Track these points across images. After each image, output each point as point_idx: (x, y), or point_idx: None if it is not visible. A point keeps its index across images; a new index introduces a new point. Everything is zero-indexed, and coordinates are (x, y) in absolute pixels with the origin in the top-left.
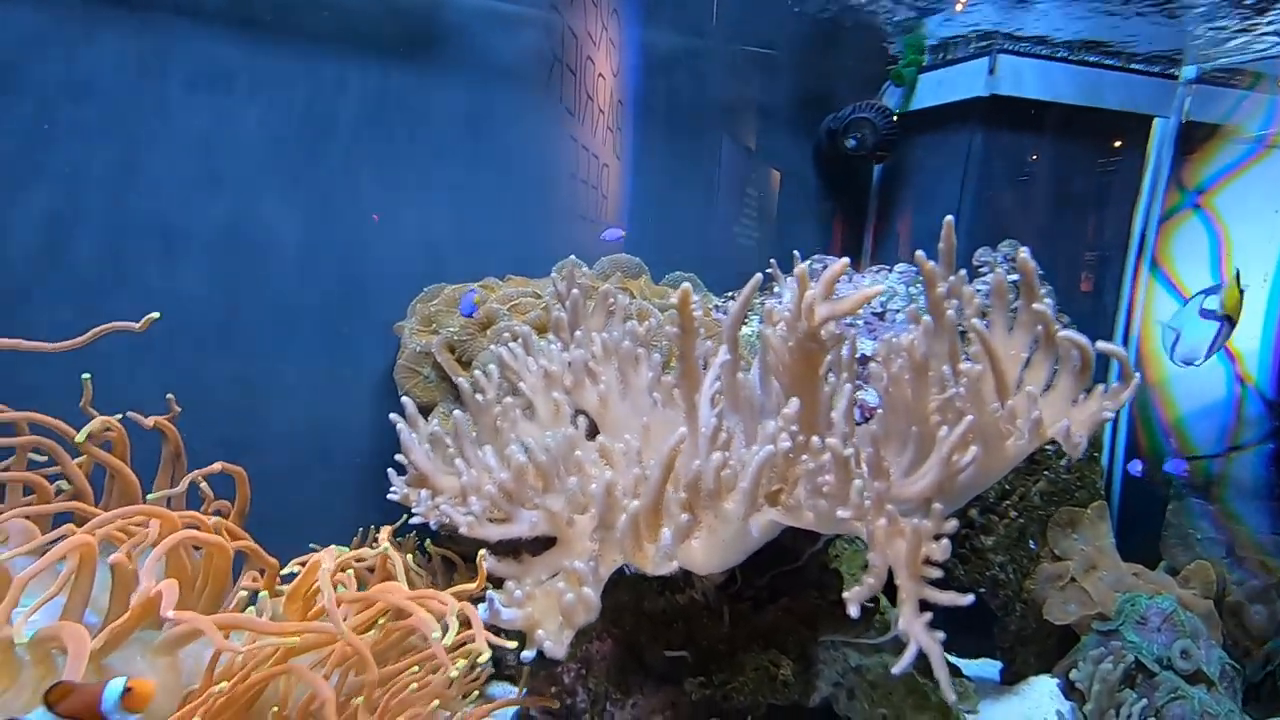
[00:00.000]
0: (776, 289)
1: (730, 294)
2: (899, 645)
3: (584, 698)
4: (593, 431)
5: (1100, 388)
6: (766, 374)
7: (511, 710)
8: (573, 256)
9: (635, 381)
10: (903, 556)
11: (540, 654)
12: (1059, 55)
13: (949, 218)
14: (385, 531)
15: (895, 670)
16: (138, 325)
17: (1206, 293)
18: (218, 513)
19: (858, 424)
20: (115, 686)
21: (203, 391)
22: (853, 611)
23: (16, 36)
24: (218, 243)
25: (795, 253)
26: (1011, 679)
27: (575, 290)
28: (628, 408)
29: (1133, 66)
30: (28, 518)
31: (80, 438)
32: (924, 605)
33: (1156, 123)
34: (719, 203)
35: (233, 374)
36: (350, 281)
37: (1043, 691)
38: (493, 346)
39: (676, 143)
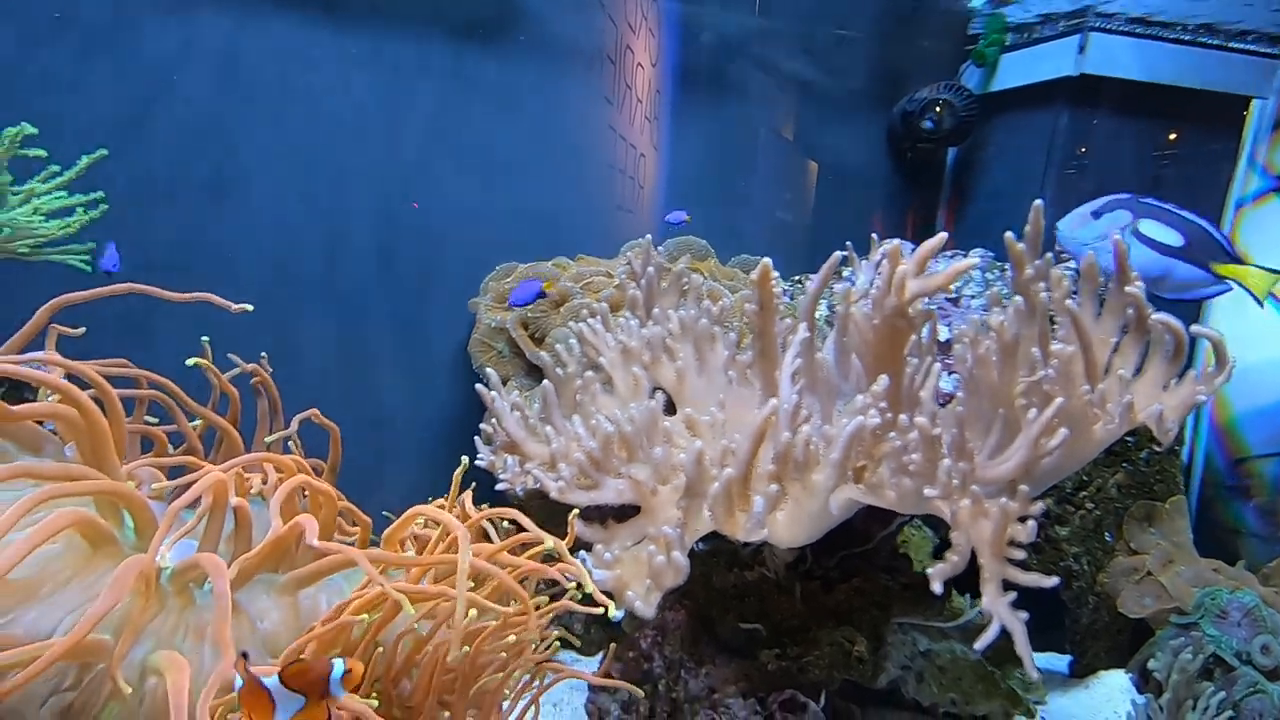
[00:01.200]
0: (846, 272)
1: (798, 276)
2: (967, 633)
3: (660, 663)
4: (669, 407)
5: (1192, 372)
6: (843, 353)
7: (591, 668)
8: (648, 236)
9: (711, 359)
10: (987, 537)
11: (628, 614)
12: (1155, 34)
13: (1038, 202)
14: (467, 495)
15: (978, 646)
16: (234, 307)
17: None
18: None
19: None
20: (339, 666)
21: (285, 364)
22: (935, 588)
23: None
24: (302, 220)
25: (873, 235)
26: (1081, 672)
27: (651, 269)
28: (703, 384)
29: (1233, 45)
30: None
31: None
32: (1006, 586)
33: (1254, 104)
34: (774, 188)
35: (316, 346)
36: (426, 258)
37: (1113, 686)
38: (572, 322)
39: (723, 127)
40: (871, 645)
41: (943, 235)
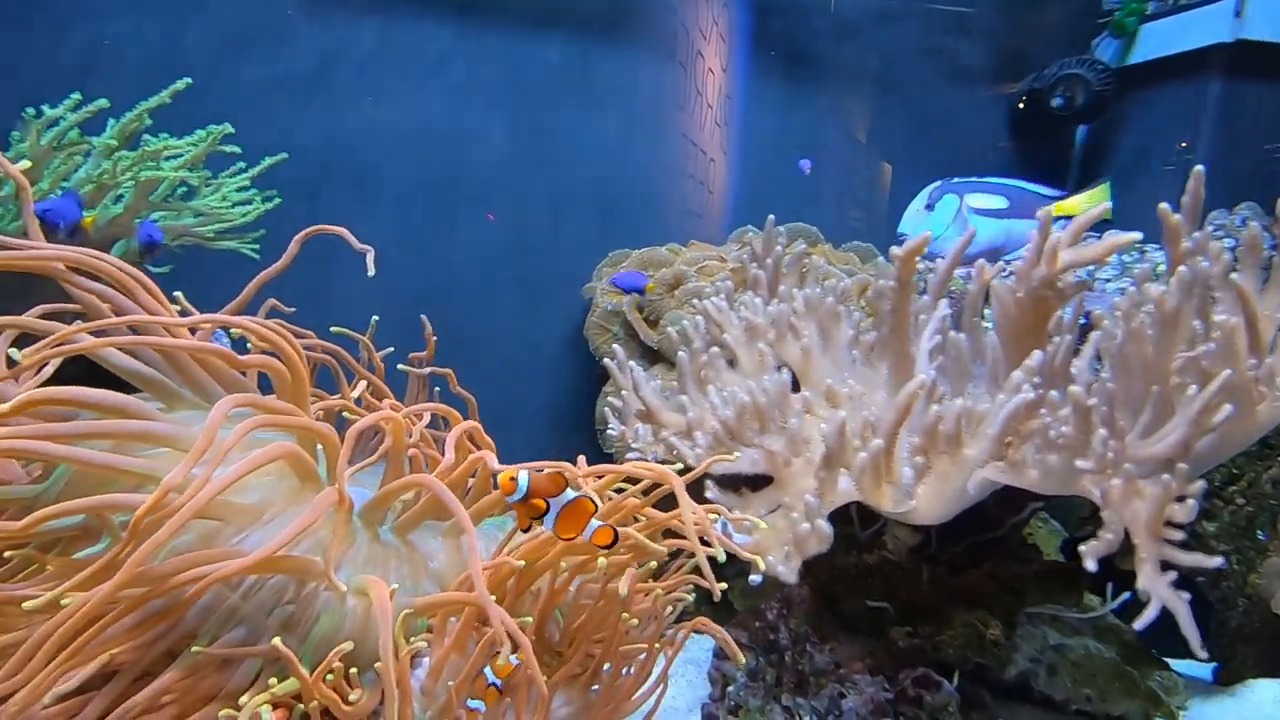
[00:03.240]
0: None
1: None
2: (1100, 630)
3: (786, 635)
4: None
5: None
6: (974, 333)
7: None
8: (771, 217)
9: (836, 337)
10: (1143, 516)
11: (763, 580)
12: None
13: (1199, 168)
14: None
15: (1137, 625)
16: (358, 246)
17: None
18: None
19: None
20: (571, 493)
21: (408, 347)
22: (1090, 566)
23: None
24: (428, 208)
25: None
26: (1227, 680)
27: (778, 248)
28: (828, 363)
29: None
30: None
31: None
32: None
33: None
34: (861, 180)
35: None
36: (543, 246)
37: (1265, 696)
38: (696, 300)
39: (804, 123)
40: (1005, 631)
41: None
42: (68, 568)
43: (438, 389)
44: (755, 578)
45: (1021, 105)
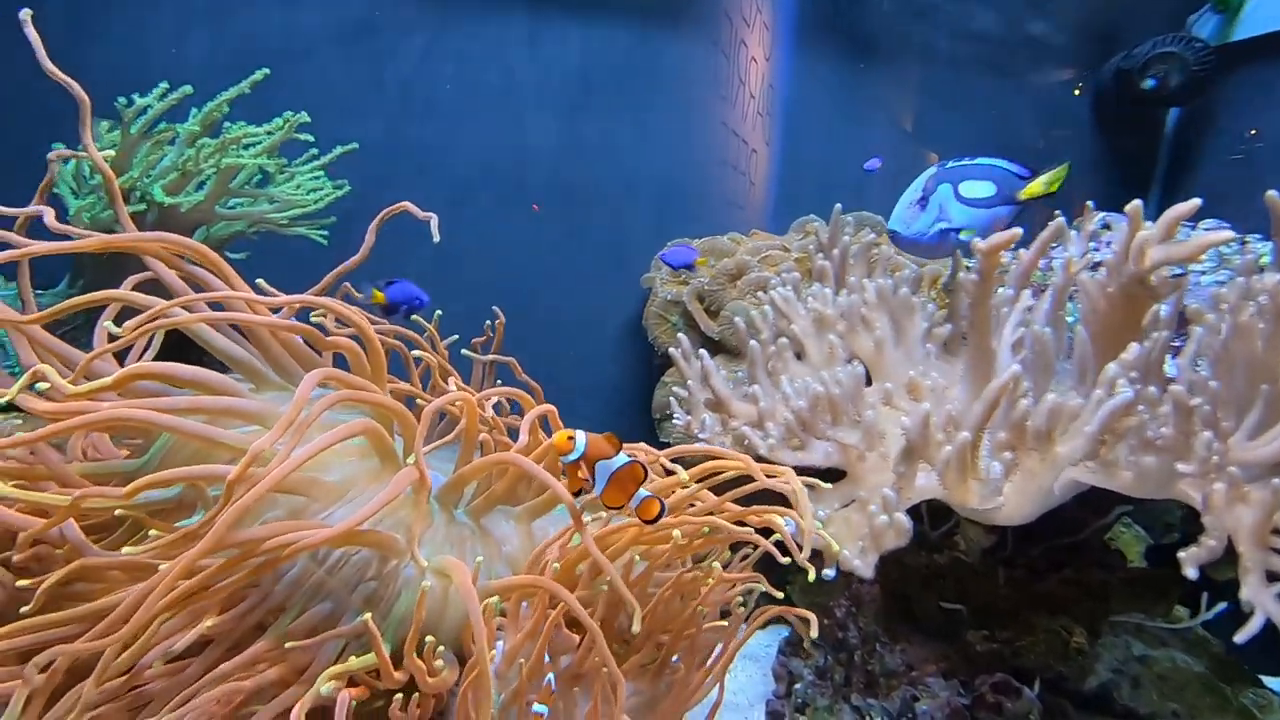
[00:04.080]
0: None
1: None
2: (1188, 643)
3: (855, 634)
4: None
5: None
6: (1059, 326)
7: (782, 634)
8: (838, 205)
9: (909, 330)
10: (1247, 523)
11: (836, 575)
12: None
13: None
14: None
15: (1238, 638)
16: (420, 215)
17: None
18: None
19: None
20: (622, 458)
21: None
22: (1190, 573)
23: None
24: (491, 200)
25: (1089, 204)
26: None
27: (845, 238)
28: (900, 356)
29: None
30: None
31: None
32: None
33: None
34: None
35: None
36: (599, 236)
37: None
38: (763, 292)
39: (854, 111)
40: (1089, 639)
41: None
42: (166, 534)
43: (499, 381)
44: (829, 572)
45: (1109, 86)
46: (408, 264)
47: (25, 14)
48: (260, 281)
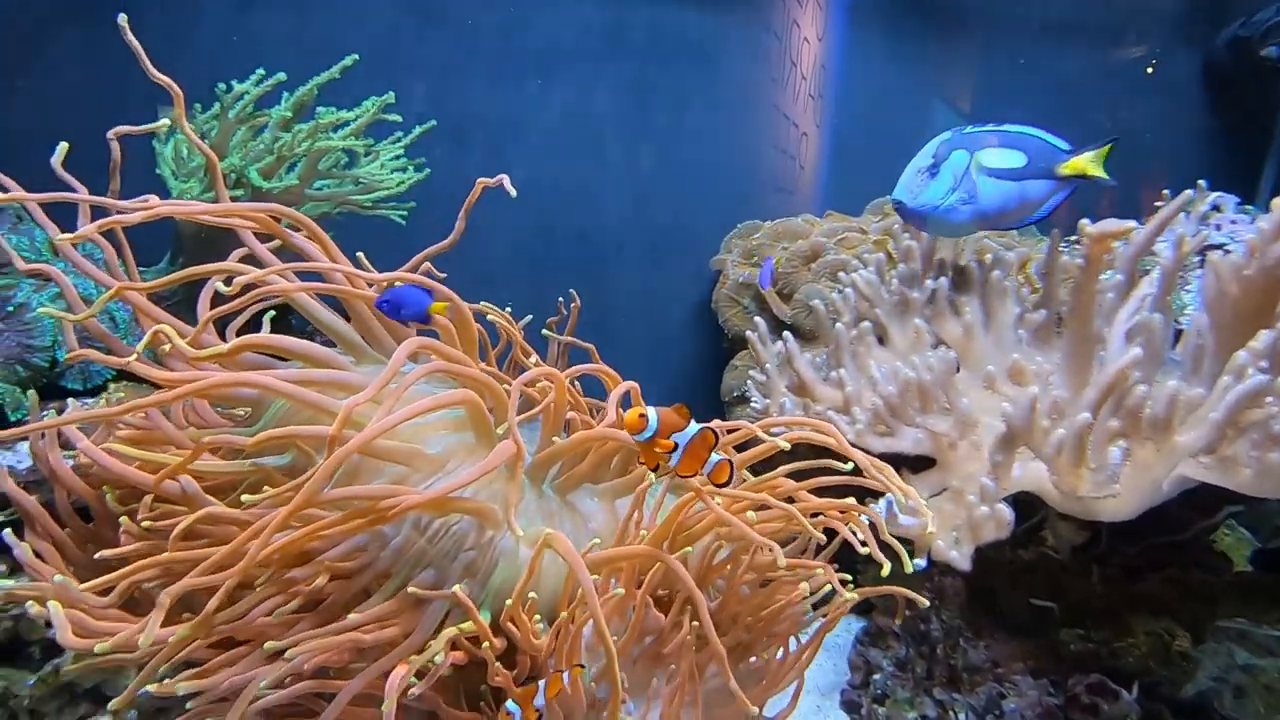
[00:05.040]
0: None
1: (1073, 238)
2: None
3: (937, 627)
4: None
5: None
6: (1169, 312)
7: (855, 625)
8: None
9: (1000, 315)
10: None
11: (928, 565)
12: None
13: None
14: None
15: None
16: (492, 181)
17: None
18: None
19: None
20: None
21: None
22: None
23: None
24: (559, 185)
25: (1201, 182)
26: None
27: None
28: (991, 342)
29: None
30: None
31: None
32: None
33: None
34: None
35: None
36: (670, 218)
37: None
38: (843, 274)
39: (929, 71)
40: (1193, 644)
41: None
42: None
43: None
44: (920, 562)
45: (1223, 57)
46: (481, 246)
47: (122, 19)
48: (360, 255)
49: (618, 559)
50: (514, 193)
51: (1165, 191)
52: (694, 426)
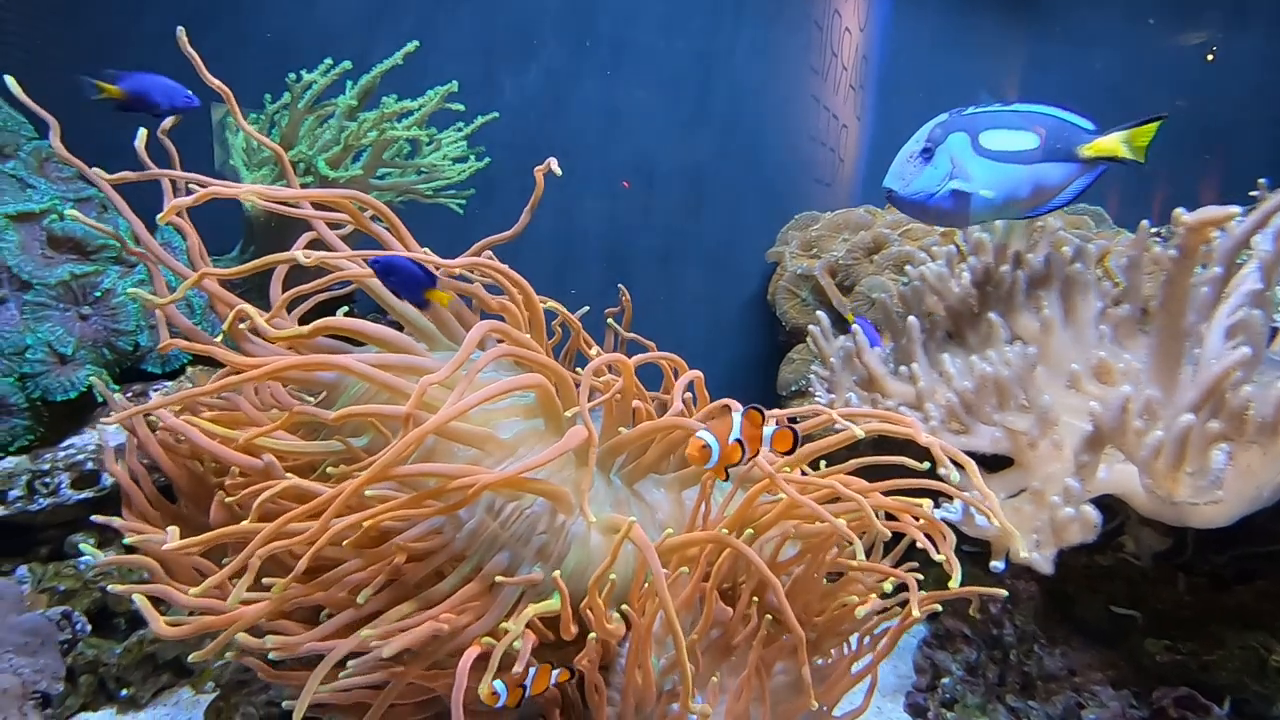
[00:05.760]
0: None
1: (1158, 230)
2: None
3: (1011, 631)
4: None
5: None
6: (1267, 306)
7: (919, 627)
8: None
9: (1081, 310)
10: None
11: (1006, 567)
12: None
13: None
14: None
15: None
16: (543, 167)
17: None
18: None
19: None
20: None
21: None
22: None
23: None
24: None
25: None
26: None
27: None
28: (1069, 338)
29: None
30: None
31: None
32: None
33: None
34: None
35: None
36: (723, 210)
37: None
38: (911, 266)
39: (977, 62)
40: None
41: None
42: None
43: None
44: (997, 564)
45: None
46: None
47: (180, 32)
48: (426, 250)
49: (689, 544)
50: (559, 173)
51: (1262, 181)
52: (736, 421)
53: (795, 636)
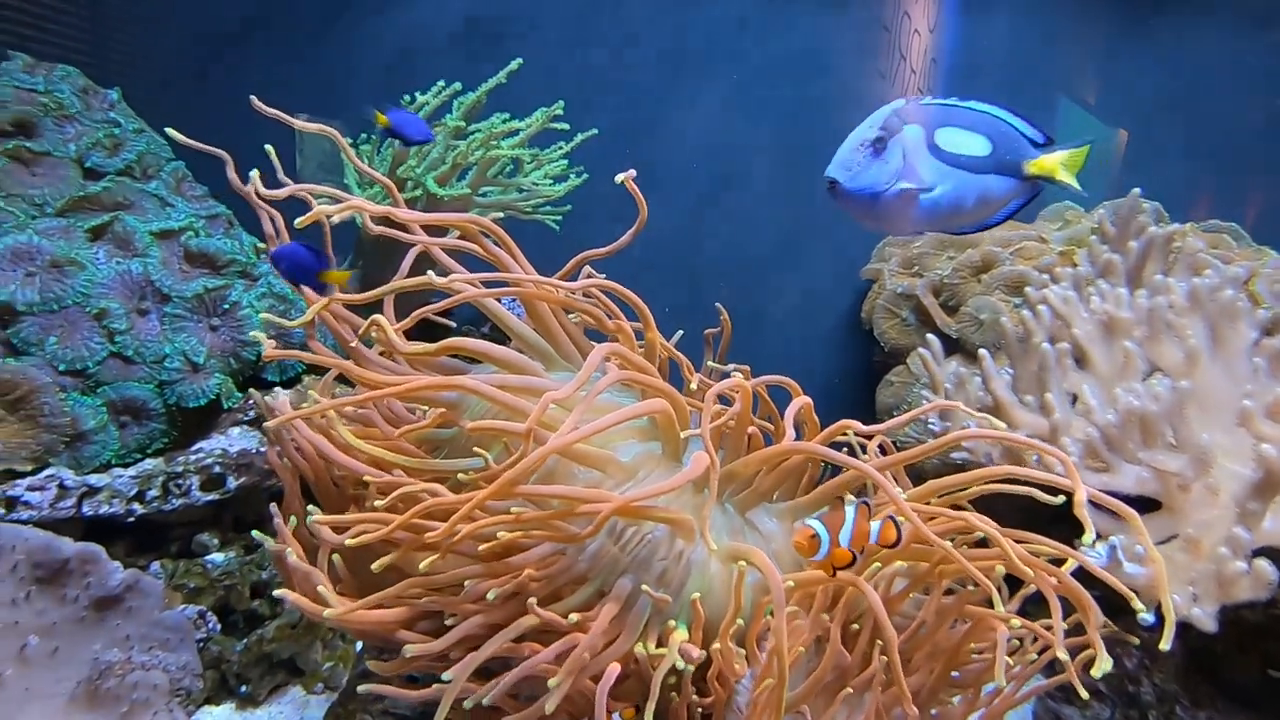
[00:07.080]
0: None
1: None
2: None
3: (1149, 690)
4: None
5: None
6: None
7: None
8: (1136, 189)
9: (1231, 340)
10: None
11: (1156, 620)
12: None
13: None
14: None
15: None
16: (619, 177)
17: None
18: None
19: None
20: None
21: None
22: None
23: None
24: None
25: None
26: None
27: (1154, 228)
28: (1219, 370)
29: None
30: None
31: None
32: None
33: None
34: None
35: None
36: (809, 224)
37: None
38: (1034, 289)
39: (1052, 65)
40: None
41: None
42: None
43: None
44: (1147, 617)
45: None
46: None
47: (255, 101)
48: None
49: (807, 584)
50: (621, 177)
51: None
52: (849, 515)
53: (900, 693)
